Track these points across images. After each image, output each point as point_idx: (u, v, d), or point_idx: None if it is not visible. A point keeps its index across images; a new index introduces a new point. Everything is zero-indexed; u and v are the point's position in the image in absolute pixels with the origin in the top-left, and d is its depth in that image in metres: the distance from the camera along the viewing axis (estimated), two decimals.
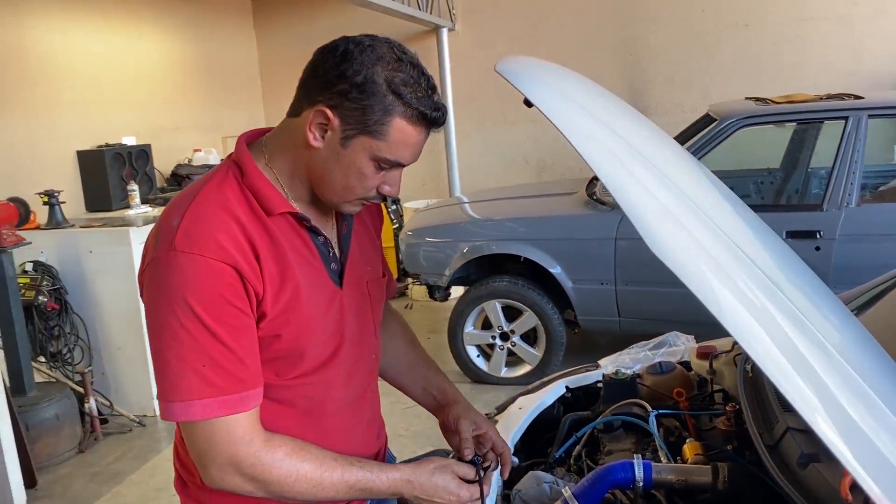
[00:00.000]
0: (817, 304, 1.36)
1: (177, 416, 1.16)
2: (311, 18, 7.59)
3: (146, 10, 6.18)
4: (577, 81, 1.33)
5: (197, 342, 1.14)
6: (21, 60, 4.91)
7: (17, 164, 4.84)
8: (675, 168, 1.27)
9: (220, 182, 1.25)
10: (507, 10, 7.20)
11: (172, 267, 1.15)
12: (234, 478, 1.19)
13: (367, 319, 1.44)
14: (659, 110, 7.01)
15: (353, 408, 1.42)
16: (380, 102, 1.18)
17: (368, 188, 1.26)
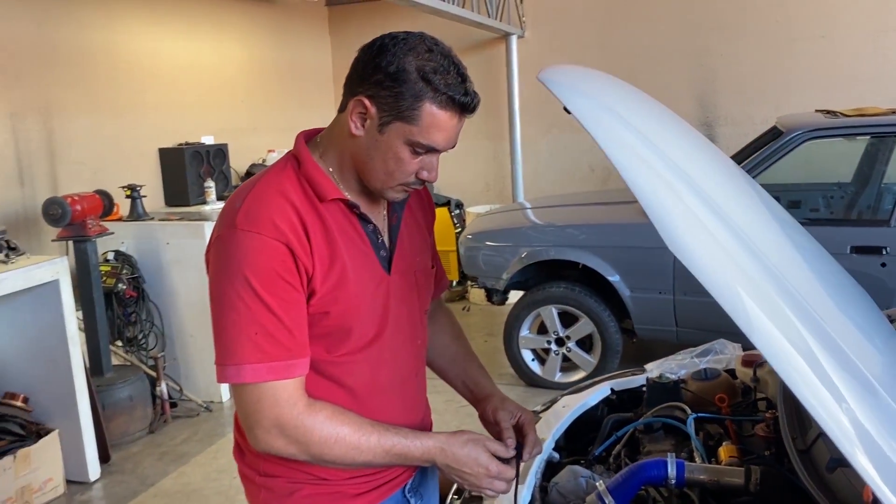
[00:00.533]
0: (861, 327, 1.37)
1: (230, 378, 1.28)
2: (383, 25, 7.73)
3: (229, 16, 6.46)
4: (620, 91, 1.38)
5: (251, 311, 1.26)
6: (110, 63, 5.21)
7: (104, 159, 5.14)
8: (713, 180, 1.31)
9: (279, 172, 1.37)
10: (578, 17, 7.23)
11: (233, 243, 1.28)
12: (277, 440, 1.29)
13: (413, 307, 1.53)
14: (728, 121, 6.92)
15: (398, 390, 1.50)
16: (411, 89, 1.26)
17: (407, 173, 1.34)
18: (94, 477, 3.78)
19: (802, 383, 1.07)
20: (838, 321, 1.28)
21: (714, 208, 1.12)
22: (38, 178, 4.62)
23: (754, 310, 1.07)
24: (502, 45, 7.38)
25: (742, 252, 1.11)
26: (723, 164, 1.53)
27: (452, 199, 7.45)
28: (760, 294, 1.09)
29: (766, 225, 1.36)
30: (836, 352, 1.14)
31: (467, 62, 5.38)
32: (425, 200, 1.65)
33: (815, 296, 1.26)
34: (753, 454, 1.72)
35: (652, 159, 1.12)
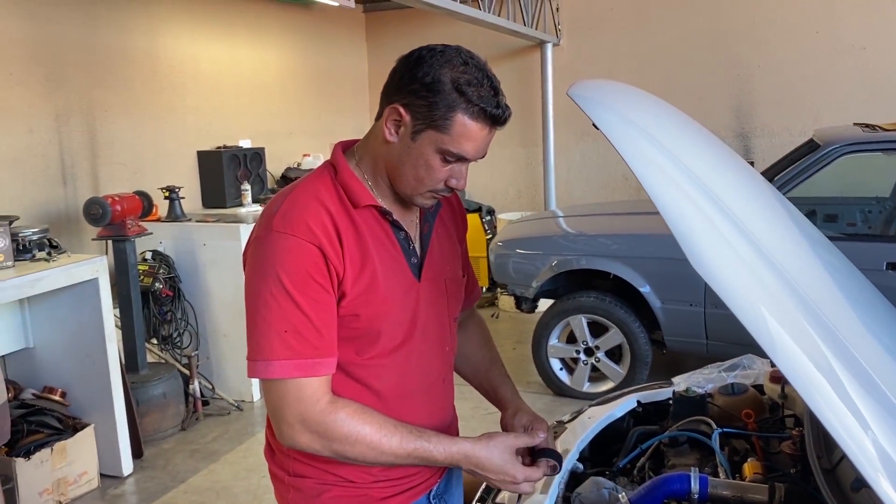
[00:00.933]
0: (891, 349, 1.35)
1: (258, 373, 1.33)
2: (420, 32, 7.83)
3: (267, 21, 6.57)
4: (648, 106, 1.40)
5: (282, 310, 1.31)
6: (152, 66, 5.34)
7: (144, 160, 5.26)
8: (739, 196, 1.31)
9: (316, 178, 1.43)
10: (613, 26, 7.21)
11: (269, 244, 1.34)
12: (302, 435, 1.33)
13: (442, 313, 1.56)
14: (765, 133, 6.85)
15: (425, 395, 1.53)
16: (444, 99, 1.31)
17: (437, 180, 1.38)
18: (127, 472, 3.87)
19: (826, 406, 1.07)
20: (865, 343, 1.27)
21: (739, 225, 1.13)
22: (80, 178, 4.75)
23: (777, 329, 1.08)
24: (537, 53, 7.39)
25: (766, 270, 1.12)
26: (751, 180, 1.53)
27: (484, 205, 7.47)
28: (784, 313, 1.09)
29: (792, 243, 1.35)
30: (861, 375, 1.13)
31: (502, 69, 5.57)
32: (457, 210, 1.68)
33: (841, 316, 1.25)
34: (779, 471, 1.71)
35: (677, 175, 1.13)
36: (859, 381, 1.09)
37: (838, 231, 4.83)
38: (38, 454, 3.44)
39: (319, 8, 7.11)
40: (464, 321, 1.79)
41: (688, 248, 1.05)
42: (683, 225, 1.07)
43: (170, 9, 5.49)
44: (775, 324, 1.08)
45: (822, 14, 6.50)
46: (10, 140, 4.28)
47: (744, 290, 1.08)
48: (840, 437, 1.05)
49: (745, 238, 1.12)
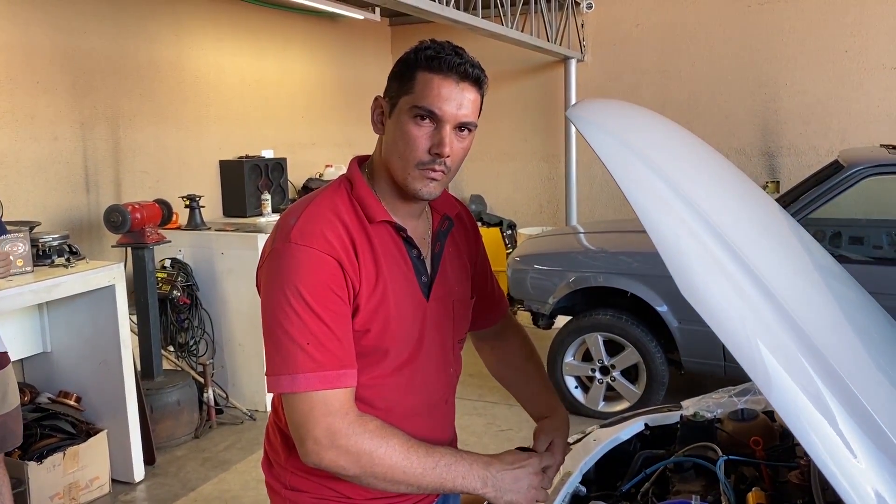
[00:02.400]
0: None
1: (283, 387, 1.30)
2: None
3: (293, 33, 6.63)
4: (650, 128, 1.38)
5: (303, 322, 1.29)
6: (177, 76, 5.41)
7: (167, 169, 5.32)
8: (740, 222, 1.28)
9: (333, 192, 1.43)
10: (639, 43, 7.18)
11: (287, 257, 1.33)
12: (328, 451, 1.28)
13: (447, 335, 1.55)
14: (792, 152, 6.76)
15: (428, 415, 1.52)
16: (408, 67, 1.37)
17: (419, 149, 1.35)
18: (138, 478, 3.89)
19: (824, 453, 1.03)
20: (871, 382, 1.22)
21: (734, 252, 1.09)
22: (103, 186, 4.81)
23: (774, 366, 1.04)
24: (561, 69, 7.37)
25: (762, 300, 1.08)
26: (756, 205, 1.49)
27: (505, 219, 7.45)
28: (780, 348, 1.05)
29: (794, 271, 1.31)
30: (865, 420, 1.08)
31: (526, 84, 5.56)
32: (470, 230, 1.68)
33: (846, 352, 1.20)
34: (784, 502, 1.67)
35: (671, 200, 1.11)
36: (856, 420, 1.05)
37: (864, 254, 4.74)
38: (51, 458, 3.47)
39: (346, 21, 7.16)
40: (502, 331, 1.81)
41: (677, 275, 1.03)
42: (674, 251, 1.04)
43: (196, 20, 5.57)
44: (770, 358, 1.05)
45: (852, 33, 6.42)
46: (36, 147, 4.35)
47: (737, 322, 1.04)
48: (838, 485, 1.02)
49: (740, 265, 1.08)
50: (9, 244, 3.37)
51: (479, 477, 1.36)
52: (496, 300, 1.78)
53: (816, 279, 1.44)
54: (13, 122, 4.20)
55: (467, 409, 4.75)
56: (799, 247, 1.54)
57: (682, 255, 1.05)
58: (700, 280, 1.04)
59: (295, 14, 6.58)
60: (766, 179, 6.81)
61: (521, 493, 1.40)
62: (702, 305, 1.03)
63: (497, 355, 1.83)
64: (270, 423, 1.55)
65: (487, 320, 1.79)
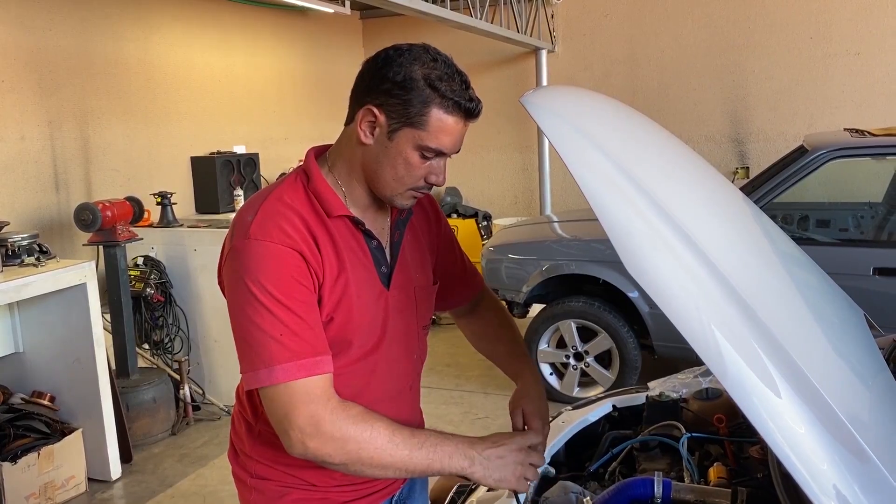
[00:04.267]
0: (857, 373, 1.33)
1: (262, 381, 1.29)
2: (417, 38, 7.77)
3: (263, 28, 6.60)
4: (606, 114, 1.40)
5: (273, 314, 1.29)
6: (145, 72, 5.37)
7: (138, 166, 5.28)
8: (694, 205, 1.30)
9: (288, 186, 1.43)
10: (608, 33, 7.23)
11: (248, 253, 1.32)
12: (314, 439, 1.28)
13: (410, 322, 1.57)
14: (760, 138, 6.86)
15: (391, 402, 1.53)
16: (419, 96, 1.32)
17: (416, 177, 1.39)
18: (115, 476, 3.88)
19: (782, 442, 1.05)
20: (820, 360, 1.26)
21: (684, 233, 1.12)
22: (73, 184, 4.77)
23: (729, 352, 1.07)
24: (532, 60, 7.41)
25: (712, 281, 1.10)
26: (712, 189, 1.52)
27: (480, 210, 7.48)
28: (729, 327, 1.08)
29: (749, 254, 1.33)
30: (811, 395, 1.09)
31: (497, 75, 5.62)
32: (431, 214, 1.68)
33: (794, 328, 1.23)
34: (745, 476, 1.72)
35: (622, 183, 1.13)
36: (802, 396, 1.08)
37: (831, 237, 4.83)
38: (25, 458, 3.45)
39: (316, 14, 7.14)
40: (477, 306, 1.82)
41: (625, 255, 1.05)
42: (622, 232, 1.07)
43: (163, 16, 5.53)
44: (728, 345, 1.07)
45: (816, 20, 6.51)
46: (2, 147, 4.31)
47: (684, 301, 1.07)
48: (797, 474, 1.05)
49: (688, 245, 1.11)
50: None
51: (466, 456, 1.36)
52: (468, 277, 1.80)
53: (771, 261, 1.47)
54: None
55: (444, 399, 4.79)
56: (754, 229, 1.57)
57: (630, 237, 1.08)
58: (648, 261, 1.07)
59: (264, 8, 6.55)
60: (736, 166, 6.91)
61: (508, 469, 1.40)
62: (650, 286, 1.05)
63: (473, 328, 1.85)
64: (235, 413, 1.57)
65: (462, 298, 1.81)
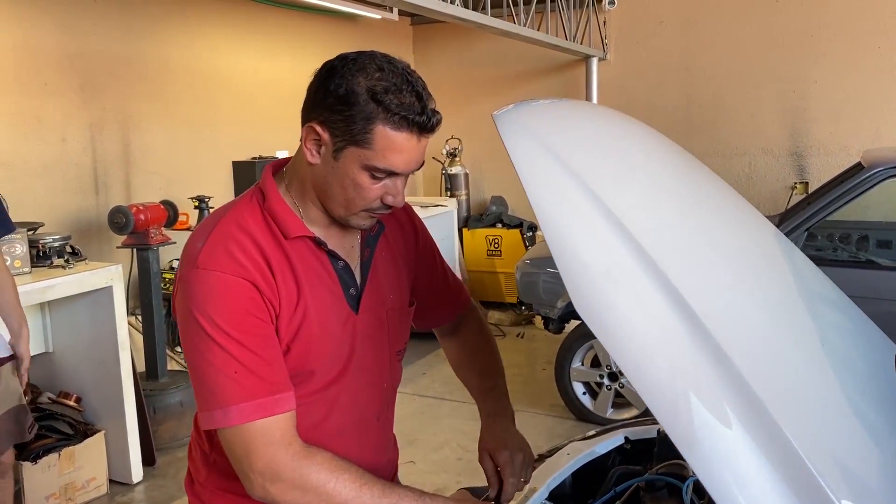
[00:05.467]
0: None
1: (217, 423, 1.21)
2: (466, 45, 7.77)
3: (310, 33, 6.61)
4: (588, 132, 1.27)
5: (225, 352, 1.20)
6: (189, 77, 5.42)
7: (178, 170, 5.33)
8: (677, 237, 1.15)
9: (243, 207, 1.33)
10: (663, 41, 7.00)
11: (196, 284, 1.23)
12: (274, 485, 1.20)
13: (381, 348, 1.45)
14: (821, 151, 6.53)
15: (356, 434, 1.43)
16: (361, 111, 1.21)
17: (369, 199, 1.28)
18: (136, 479, 3.88)
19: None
20: (841, 445, 1.06)
21: (661, 272, 0.96)
22: (112, 187, 4.84)
23: (704, 426, 0.91)
24: (582, 67, 7.23)
25: (686, 332, 0.94)
26: (720, 220, 1.36)
27: (525, 221, 7.33)
28: (713, 404, 0.91)
29: (748, 297, 1.16)
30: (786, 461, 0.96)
31: (546, 83, 5.46)
32: (407, 227, 1.56)
33: (803, 403, 1.05)
34: None
35: (584, 206, 1.00)
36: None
37: (892, 259, 4.52)
38: (45, 459, 3.48)
39: (365, 21, 7.12)
40: (459, 325, 1.70)
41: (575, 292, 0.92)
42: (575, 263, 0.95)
43: (209, 22, 5.58)
44: (696, 407, 0.92)
45: (884, 29, 6.16)
46: (44, 149, 4.39)
47: (647, 359, 0.93)
48: None
49: (660, 284, 0.97)
50: (6, 244, 3.38)
51: None
52: (451, 295, 1.68)
53: (777, 306, 1.28)
54: (21, 124, 4.24)
55: (473, 414, 4.63)
56: (762, 264, 1.39)
57: (585, 268, 0.95)
58: (598, 298, 0.94)
59: (313, 14, 6.56)
60: (795, 180, 6.59)
61: None
62: (598, 326, 0.92)
63: (452, 352, 1.73)
64: (192, 441, 1.48)
65: (443, 316, 1.70)
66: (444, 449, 4.17)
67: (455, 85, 7.92)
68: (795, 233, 3.93)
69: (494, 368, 1.66)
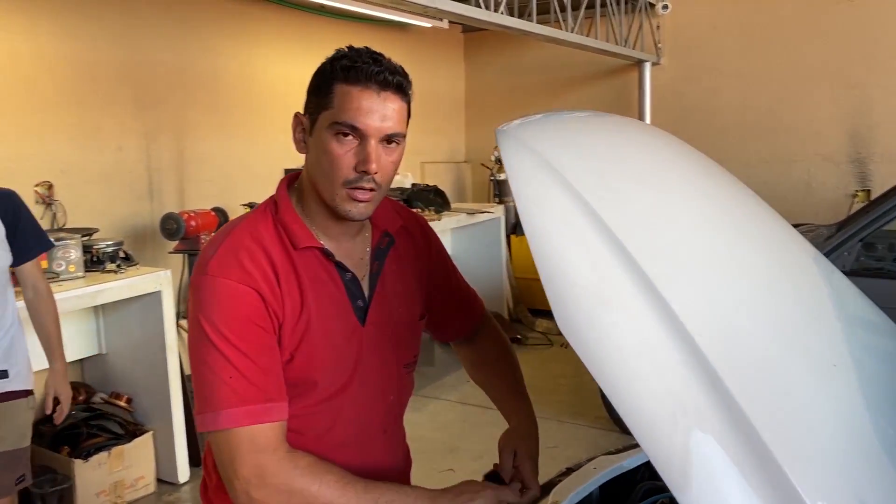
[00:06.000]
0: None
1: (207, 426, 1.25)
2: (517, 52, 7.76)
3: (362, 42, 6.57)
4: (600, 148, 1.25)
5: (223, 356, 1.24)
6: (243, 87, 5.55)
7: (231, 178, 5.46)
8: (684, 264, 1.11)
9: (257, 218, 1.37)
10: (718, 45, 6.85)
11: (205, 290, 1.28)
12: (258, 490, 1.21)
13: (388, 360, 1.46)
14: (885, 159, 6.28)
15: (361, 447, 1.44)
16: (325, 80, 1.30)
17: (343, 167, 1.28)
18: (183, 479, 3.98)
19: None
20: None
21: (646, 280, 0.96)
22: (166, 194, 4.99)
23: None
24: (635, 72, 7.13)
25: (683, 364, 0.91)
26: (737, 231, 1.31)
27: None
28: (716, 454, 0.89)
29: (763, 332, 1.07)
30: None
31: (598, 88, 5.48)
32: (420, 241, 1.57)
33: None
34: None
35: (579, 224, 0.98)
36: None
37: None
38: (96, 457, 3.60)
39: (417, 29, 7.18)
40: (476, 335, 1.71)
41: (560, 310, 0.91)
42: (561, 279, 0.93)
43: (262, 33, 5.71)
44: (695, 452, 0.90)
45: None
46: (101, 157, 4.55)
47: (636, 387, 0.91)
48: None
49: (652, 302, 0.94)
50: (61, 250, 3.52)
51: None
52: (467, 307, 1.68)
53: (781, 320, 1.22)
54: (80, 135, 4.41)
55: None
56: (774, 277, 1.32)
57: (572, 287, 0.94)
58: (584, 316, 0.92)
59: (364, 24, 6.64)
60: (856, 188, 6.36)
61: None
62: (582, 348, 0.91)
63: (470, 358, 1.74)
64: (207, 449, 1.51)
65: (460, 329, 1.70)
66: (485, 458, 4.15)
67: (506, 91, 7.92)
68: (850, 242, 3.79)
69: (517, 373, 1.67)
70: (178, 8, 5.01)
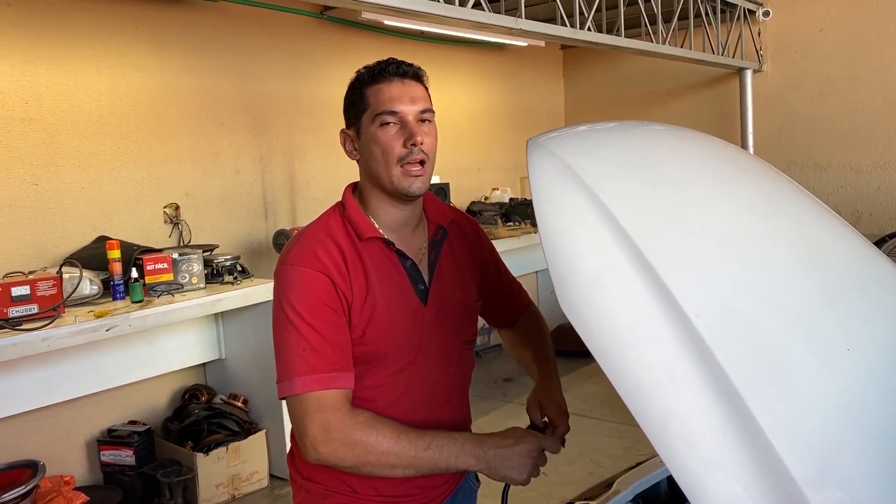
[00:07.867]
0: None
1: (284, 391, 1.47)
2: (614, 66, 7.80)
3: (458, 63, 6.94)
4: (633, 156, 1.35)
5: (298, 332, 1.47)
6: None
7: (337, 196, 5.73)
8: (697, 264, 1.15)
9: (328, 216, 1.64)
10: (824, 49, 6.65)
11: (285, 277, 1.53)
12: (325, 445, 1.41)
13: (448, 337, 1.66)
14: None
15: (428, 412, 1.62)
16: (355, 91, 1.59)
17: (394, 148, 1.53)
18: None
19: None
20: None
21: (661, 285, 1.04)
22: (279, 213, 5.39)
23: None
24: (736, 80, 7.02)
25: (695, 371, 0.99)
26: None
27: None
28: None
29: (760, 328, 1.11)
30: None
31: (698, 97, 5.69)
32: (471, 236, 1.78)
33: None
34: None
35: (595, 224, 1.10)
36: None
37: None
38: (216, 451, 3.96)
39: (513, 48, 7.36)
40: (517, 322, 1.91)
41: (564, 294, 1.04)
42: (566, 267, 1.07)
43: (365, 60, 5.93)
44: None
45: None
46: (221, 180, 4.99)
47: (642, 388, 1.00)
48: None
49: (653, 287, 1.06)
50: (185, 264, 3.92)
51: (472, 455, 1.45)
52: (513, 299, 1.89)
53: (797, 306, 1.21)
54: (202, 160, 4.86)
55: (609, 431, 4.68)
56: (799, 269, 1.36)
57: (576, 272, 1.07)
58: (593, 302, 1.04)
59: (462, 46, 6.89)
60: None
61: (514, 470, 1.46)
62: (589, 334, 1.02)
63: (510, 338, 1.93)
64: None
65: (508, 316, 1.91)
66: (577, 463, 4.24)
67: (605, 105, 7.96)
68: None
69: (547, 345, 1.85)
70: (287, 42, 5.42)
